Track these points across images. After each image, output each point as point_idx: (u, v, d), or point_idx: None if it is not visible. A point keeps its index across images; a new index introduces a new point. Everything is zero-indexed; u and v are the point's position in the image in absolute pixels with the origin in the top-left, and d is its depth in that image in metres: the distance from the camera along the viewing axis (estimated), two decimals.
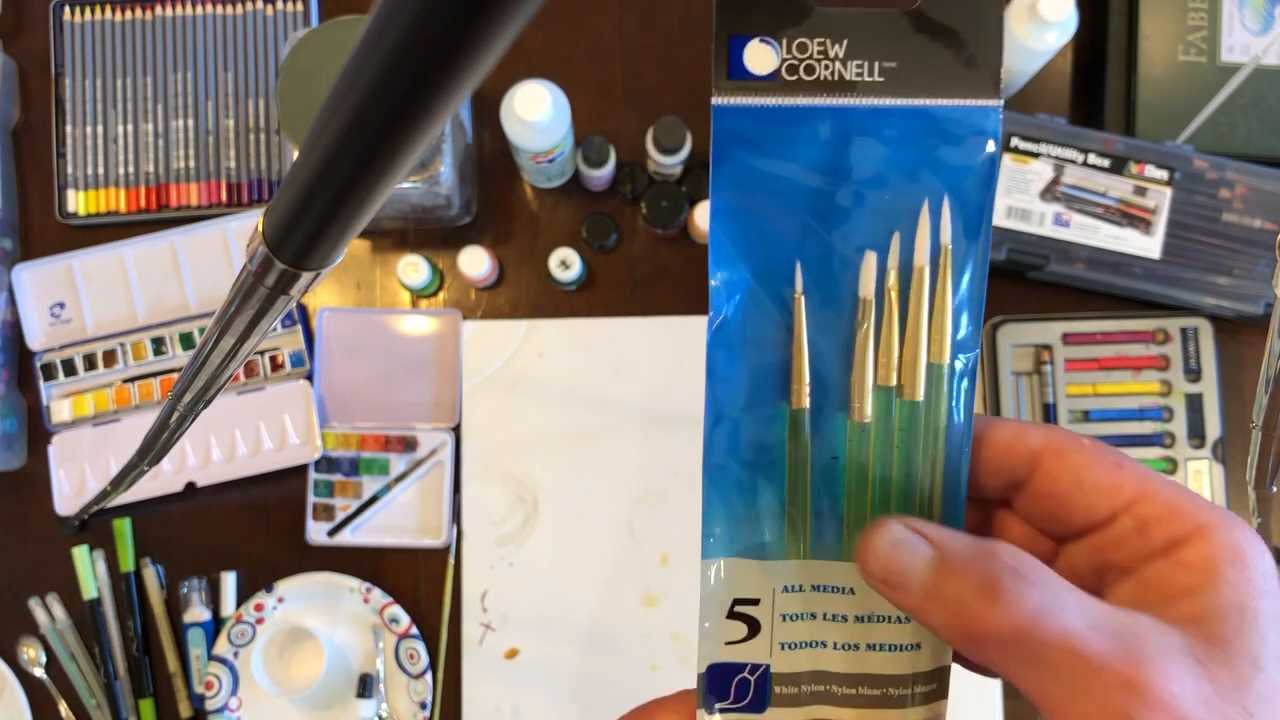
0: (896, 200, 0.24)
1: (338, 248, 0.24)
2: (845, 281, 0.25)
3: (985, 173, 0.24)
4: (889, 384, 0.25)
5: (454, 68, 0.16)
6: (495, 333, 0.83)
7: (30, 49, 0.86)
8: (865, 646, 0.26)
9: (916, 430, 0.25)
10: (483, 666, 0.80)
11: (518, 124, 0.73)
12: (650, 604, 0.80)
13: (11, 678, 0.81)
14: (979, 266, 0.25)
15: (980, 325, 0.25)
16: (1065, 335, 0.80)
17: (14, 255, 0.85)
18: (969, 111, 0.24)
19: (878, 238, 0.24)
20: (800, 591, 0.26)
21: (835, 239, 0.24)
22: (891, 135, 0.24)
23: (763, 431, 0.25)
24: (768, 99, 0.24)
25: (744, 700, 0.26)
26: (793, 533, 0.25)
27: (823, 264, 0.25)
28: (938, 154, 0.24)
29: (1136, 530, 0.23)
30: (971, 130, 0.24)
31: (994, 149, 0.24)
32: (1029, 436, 0.25)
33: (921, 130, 0.24)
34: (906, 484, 0.25)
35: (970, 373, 0.25)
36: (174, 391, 0.38)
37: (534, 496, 0.81)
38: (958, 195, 0.24)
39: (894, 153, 0.24)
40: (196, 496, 0.83)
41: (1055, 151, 0.77)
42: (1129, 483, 0.23)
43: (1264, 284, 0.76)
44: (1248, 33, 0.79)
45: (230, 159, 0.85)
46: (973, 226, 0.24)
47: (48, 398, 0.83)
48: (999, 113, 0.24)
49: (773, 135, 0.24)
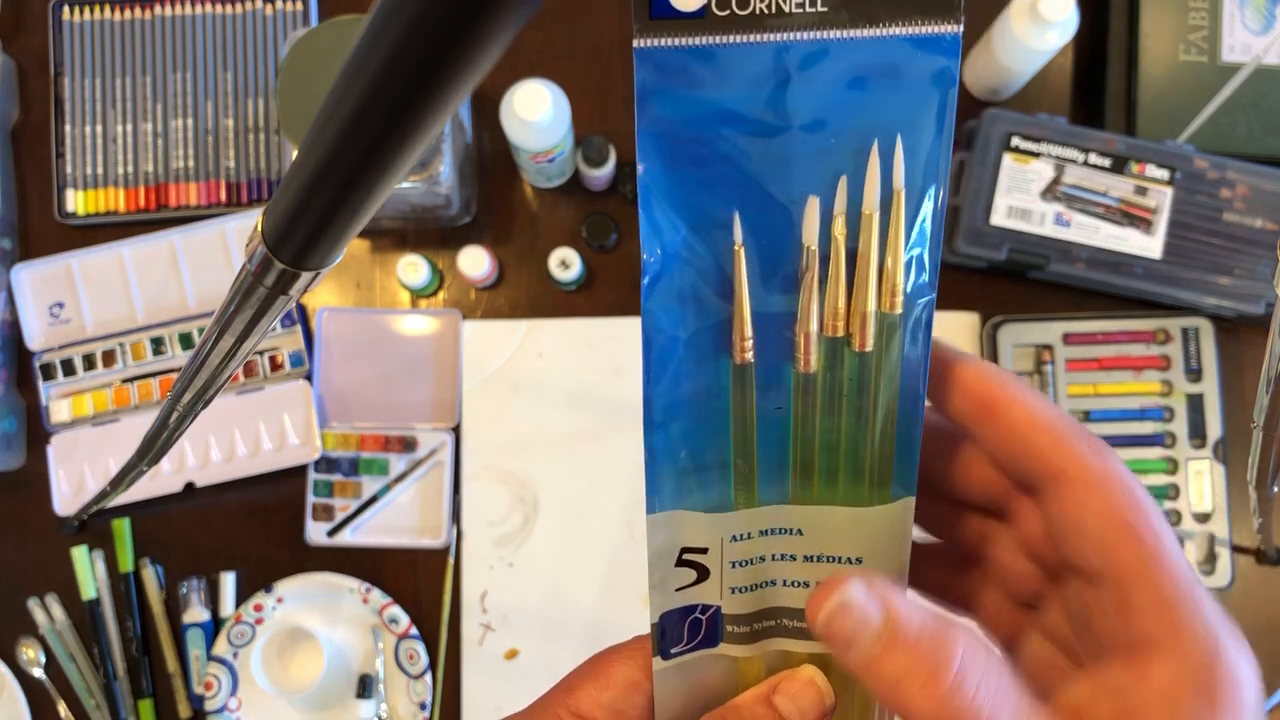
0: (843, 142, 0.22)
1: (337, 247, 0.24)
2: (788, 230, 0.23)
3: (942, 109, 0.22)
4: (836, 334, 0.24)
5: (453, 68, 0.16)
6: (495, 333, 0.82)
7: (29, 48, 0.86)
8: (815, 584, 0.25)
9: (866, 381, 0.24)
10: (483, 667, 0.80)
11: (518, 124, 0.73)
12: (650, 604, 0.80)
13: (10, 678, 0.81)
14: (937, 207, 0.23)
15: (938, 269, 0.23)
16: (1066, 335, 0.80)
17: (13, 255, 0.85)
18: (924, 40, 0.22)
19: (824, 183, 0.23)
20: (748, 540, 0.25)
21: (775, 186, 0.23)
22: (836, 71, 0.22)
23: (704, 386, 0.24)
24: (696, 38, 0.21)
25: (696, 638, 0.26)
26: (741, 484, 0.25)
27: (763, 213, 0.23)
28: (889, 89, 0.22)
29: (1118, 610, 0.22)
30: (927, 61, 0.22)
31: (952, 81, 0.22)
32: (988, 381, 0.24)
33: (870, 64, 0.22)
34: (855, 435, 0.24)
35: (926, 320, 0.24)
36: (173, 391, 0.38)
37: (534, 496, 0.81)
38: (912, 133, 0.22)
39: (840, 90, 0.22)
40: (196, 497, 0.83)
41: (1056, 151, 0.76)
42: (1136, 551, 0.21)
43: (1265, 284, 0.76)
44: (1248, 32, 0.79)
45: (230, 159, 0.85)
46: (931, 166, 0.22)
47: (47, 398, 0.83)
48: (959, 40, 0.22)
49: (703, 78, 0.22)
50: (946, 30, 0.22)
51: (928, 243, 0.23)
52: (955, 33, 0.22)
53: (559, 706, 0.26)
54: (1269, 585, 0.80)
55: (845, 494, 0.25)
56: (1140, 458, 0.79)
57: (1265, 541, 0.74)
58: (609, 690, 0.26)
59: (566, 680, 0.27)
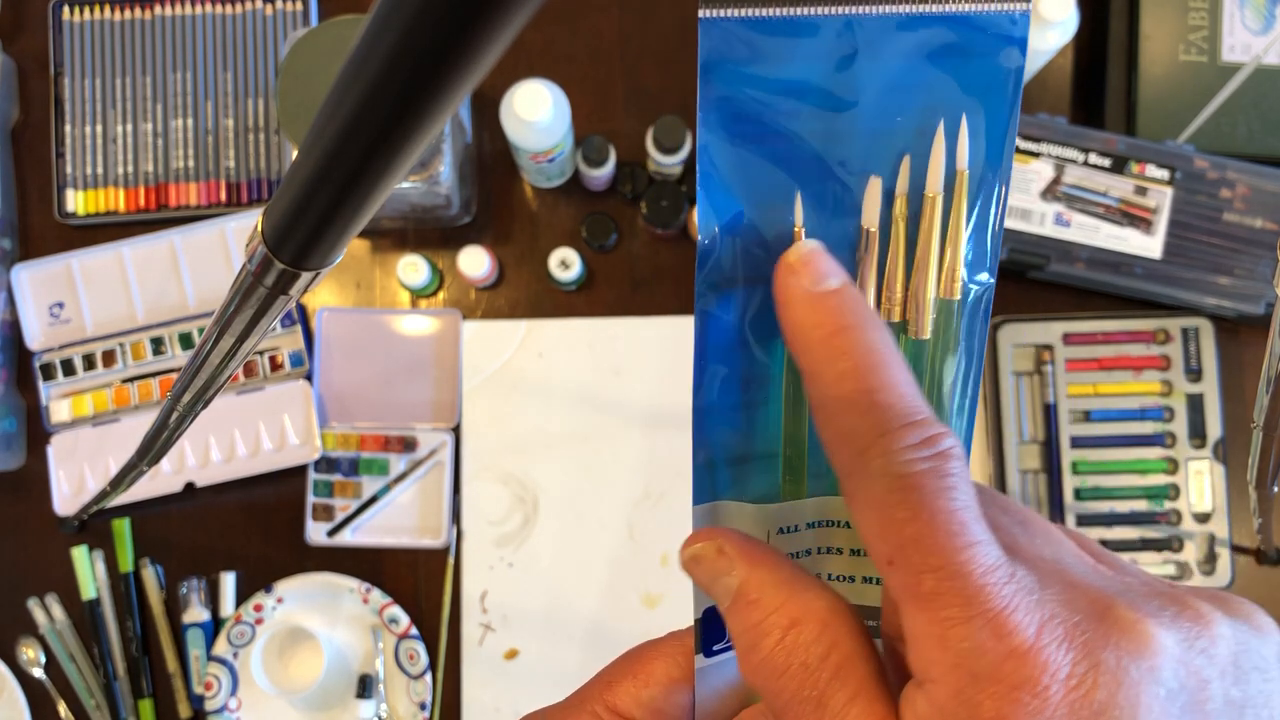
0: (908, 121, 0.22)
1: (337, 247, 0.24)
2: (849, 210, 0.22)
3: (1011, 88, 0.22)
4: (892, 320, 0.23)
5: (453, 67, 0.16)
6: (495, 333, 0.82)
7: (29, 48, 0.86)
8: (861, 579, 0.25)
9: (922, 368, 0.23)
10: (483, 667, 0.80)
11: (518, 124, 0.73)
12: (650, 604, 0.80)
13: (10, 678, 0.81)
14: (1002, 191, 0.22)
15: (998, 254, 0.23)
16: (1066, 335, 0.80)
17: (13, 255, 0.85)
18: (993, 18, 0.21)
19: (887, 162, 0.22)
20: (796, 532, 0.25)
21: (838, 165, 0.22)
22: (903, 47, 0.21)
23: (756, 372, 0.23)
24: (763, 10, 0.21)
25: None
26: (790, 474, 0.24)
27: (824, 192, 0.22)
28: (956, 67, 0.22)
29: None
30: (995, 39, 0.21)
31: (1020, 60, 0.22)
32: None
33: (938, 41, 0.21)
34: None
35: (985, 307, 0.23)
36: (173, 392, 0.38)
37: (534, 496, 0.81)
38: (978, 113, 0.22)
39: (906, 67, 0.21)
40: (196, 497, 0.83)
41: (1056, 151, 0.76)
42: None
43: (1265, 284, 0.76)
44: (1248, 32, 0.79)
45: (230, 159, 0.85)
46: (995, 148, 0.22)
47: (47, 398, 0.83)
48: (1028, 18, 0.21)
49: (768, 51, 0.21)
50: (1017, 8, 0.21)
51: (990, 226, 0.23)
52: (1025, 10, 0.21)
53: (596, 702, 0.26)
54: (1269, 585, 0.80)
55: None
56: (1140, 458, 0.79)
57: (1265, 541, 0.74)
58: (649, 688, 0.25)
59: (604, 675, 0.26)
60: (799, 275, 0.21)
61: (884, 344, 0.20)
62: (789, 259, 0.22)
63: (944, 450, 0.19)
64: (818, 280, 0.21)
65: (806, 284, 0.21)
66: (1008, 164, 0.22)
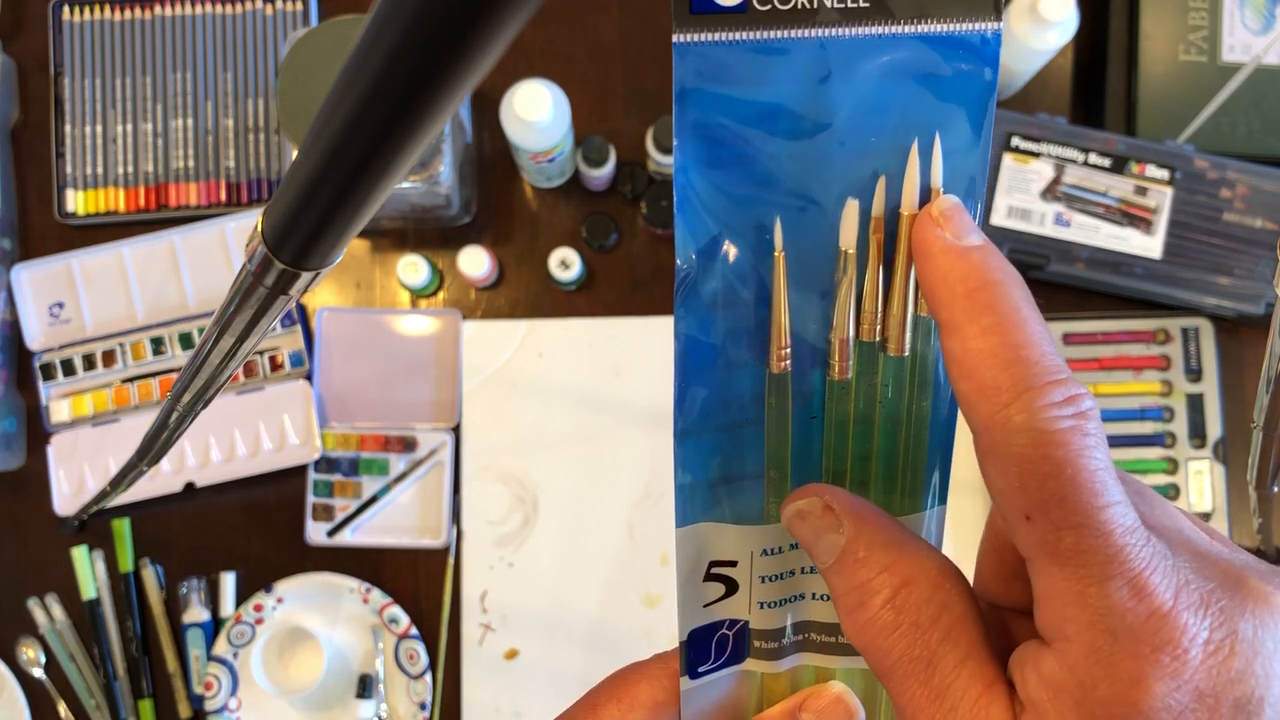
0: (882, 141, 0.22)
1: (337, 247, 0.24)
2: (826, 230, 0.22)
3: (983, 105, 0.22)
4: (872, 339, 0.23)
5: (453, 67, 0.16)
6: (495, 333, 0.82)
7: (29, 48, 0.86)
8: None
9: (901, 388, 0.23)
10: (482, 667, 0.80)
11: (518, 124, 0.73)
12: (650, 604, 0.80)
13: (10, 678, 0.81)
14: (978, 207, 0.22)
15: None
16: (1066, 335, 0.80)
17: (13, 255, 0.85)
18: (965, 38, 0.21)
19: (863, 182, 0.22)
20: (779, 554, 0.25)
21: (814, 186, 0.22)
22: (877, 68, 0.21)
23: (736, 395, 0.23)
24: (736, 33, 0.21)
25: (724, 656, 0.26)
26: (773, 495, 0.24)
27: (801, 213, 0.22)
28: (930, 87, 0.22)
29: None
30: (967, 58, 0.22)
31: (992, 78, 0.22)
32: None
33: (911, 61, 0.21)
34: (889, 443, 0.24)
35: None
36: (173, 392, 0.38)
37: (534, 496, 0.81)
38: (951, 131, 0.22)
39: (880, 87, 0.22)
40: (196, 497, 0.83)
41: (1056, 151, 0.76)
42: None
43: (1265, 284, 0.76)
44: (1248, 32, 0.79)
45: (230, 159, 0.85)
46: (970, 164, 0.22)
47: (47, 398, 0.83)
48: (999, 38, 0.22)
49: (743, 74, 0.21)
50: (988, 27, 0.21)
51: None
52: (996, 30, 0.22)
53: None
54: None
55: (877, 503, 0.24)
56: (1140, 458, 0.79)
57: (1265, 541, 0.73)
58: (633, 712, 0.25)
59: (588, 699, 0.26)
60: (943, 228, 0.21)
61: (1027, 303, 0.20)
62: (932, 211, 0.21)
63: (1086, 410, 0.19)
64: (961, 235, 0.21)
65: (950, 237, 0.21)
66: (981, 180, 0.22)
